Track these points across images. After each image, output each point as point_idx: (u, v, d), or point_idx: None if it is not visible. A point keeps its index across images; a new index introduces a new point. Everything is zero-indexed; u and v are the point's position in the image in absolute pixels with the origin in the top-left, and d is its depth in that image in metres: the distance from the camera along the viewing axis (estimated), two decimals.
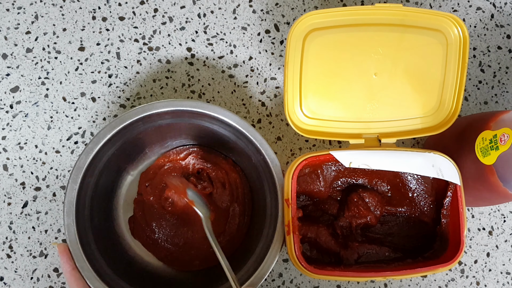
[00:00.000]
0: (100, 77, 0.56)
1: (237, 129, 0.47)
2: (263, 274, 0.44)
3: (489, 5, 0.60)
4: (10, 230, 0.53)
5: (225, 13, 0.58)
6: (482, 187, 0.46)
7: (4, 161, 0.54)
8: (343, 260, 0.48)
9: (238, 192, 0.52)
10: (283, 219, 0.45)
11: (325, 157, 0.46)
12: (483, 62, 0.60)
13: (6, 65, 0.56)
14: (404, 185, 0.51)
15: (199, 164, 0.53)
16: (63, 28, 0.57)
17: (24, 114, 0.55)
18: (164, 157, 0.53)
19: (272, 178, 0.46)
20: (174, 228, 0.51)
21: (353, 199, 0.49)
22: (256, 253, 0.46)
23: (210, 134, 0.50)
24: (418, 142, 0.58)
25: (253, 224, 0.52)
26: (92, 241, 0.45)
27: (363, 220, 0.48)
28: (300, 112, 0.48)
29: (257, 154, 0.47)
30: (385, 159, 0.45)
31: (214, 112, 0.46)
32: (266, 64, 0.58)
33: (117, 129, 0.46)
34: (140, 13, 0.58)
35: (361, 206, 0.48)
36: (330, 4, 0.59)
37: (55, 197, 0.54)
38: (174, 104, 0.46)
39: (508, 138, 0.41)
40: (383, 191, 0.51)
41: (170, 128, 0.50)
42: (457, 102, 0.47)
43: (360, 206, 0.48)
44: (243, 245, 0.51)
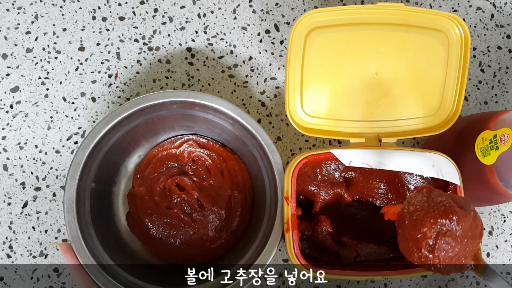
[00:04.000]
0: (100, 77, 0.56)
1: (232, 116, 0.47)
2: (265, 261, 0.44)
3: (489, 5, 0.60)
4: (10, 230, 0.53)
5: (225, 13, 0.58)
6: (482, 187, 0.46)
7: (4, 161, 0.54)
8: (342, 259, 0.48)
9: (238, 179, 0.52)
10: (282, 216, 0.45)
11: (325, 156, 0.46)
12: (483, 62, 0.60)
13: (6, 65, 0.56)
14: (403, 185, 0.51)
15: (195, 152, 0.52)
16: (63, 28, 0.57)
17: (24, 114, 0.55)
18: (158, 147, 0.53)
19: (269, 164, 0.46)
20: (169, 227, 0.51)
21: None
22: (259, 238, 0.47)
23: (206, 123, 0.50)
24: (418, 142, 0.58)
25: (254, 210, 0.52)
26: (94, 237, 0.45)
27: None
28: (300, 110, 0.48)
29: (252, 140, 0.47)
30: (385, 159, 0.45)
31: (208, 101, 0.46)
32: (266, 64, 0.58)
33: (112, 124, 0.45)
34: (140, 13, 0.58)
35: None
36: (330, 4, 0.59)
37: (55, 197, 0.54)
38: (167, 96, 0.46)
39: (508, 138, 0.41)
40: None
41: (165, 120, 0.50)
42: (458, 102, 0.47)
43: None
44: (246, 232, 0.51)
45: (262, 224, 0.48)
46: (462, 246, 0.38)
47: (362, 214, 0.52)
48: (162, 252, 0.51)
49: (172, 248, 0.51)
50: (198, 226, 0.51)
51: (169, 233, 0.51)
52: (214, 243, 0.51)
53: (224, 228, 0.51)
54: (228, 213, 0.51)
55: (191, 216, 0.51)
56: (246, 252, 0.47)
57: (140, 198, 0.51)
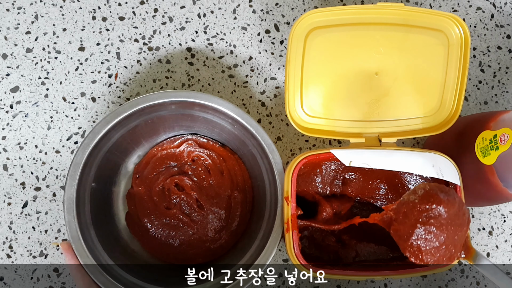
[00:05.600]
0: (100, 77, 0.56)
1: (232, 116, 0.47)
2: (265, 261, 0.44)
3: (489, 5, 0.60)
4: (10, 230, 0.53)
5: (225, 13, 0.58)
6: (482, 187, 0.46)
7: (4, 161, 0.54)
8: (342, 259, 0.48)
9: (238, 179, 0.52)
10: (282, 216, 0.45)
11: (325, 156, 0.46)
12: (483, 62, 0.60)
13: (6, 65, 0.56)
14: (402, 185, 0.51)
15: (195, 152, 0.52)
16: (63, 28, 0.57)
17: (24, 114, 0.55)
18: (158, 146, 0.52)
19: (269, 164, 0.46)
20: (168, 227, 0.51)
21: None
22: (259, 238, 0.47)
23: (205, 123, 0.50)
24: (418, 142, 0.58)
25: (254, 210, 0.52)
26: (94, 237, 0.45)
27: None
28: (300, 110, 0.48)
29: (252, 140, 0.47)
30: (385, 159, 0.45)
31: (208, 101, 0.46)
32: (266, 64, 0.58)
33: (112, 124, 0.45)
34: (140, 13, 0.58)
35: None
36: (330, 4, 0.59)
37: (55, 197, 0.54)
38: (167, 96, 0.46)
39: (508, 138, 0.41)
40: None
41: (165, 120, 0.50)
42: (458, 102, 0.47)
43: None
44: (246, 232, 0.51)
45: (262, 224, 0.48)
46: (450, 234, 0.38)
47: (362, 214, 0.52)
48: (161, 253, 0.51)
49: (172, 249, 0.51)
50: (198, 226, 0.51)
51: (168, 233, 0.51)
52: (214, 243, 0.51)
53: (224, 229, 0.51)
54: (228, 213, 0.51)
55: (190, 216, 0.51)
56: (246, 252, 0.47)
57: (139, 198, 0.51)
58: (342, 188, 0.51)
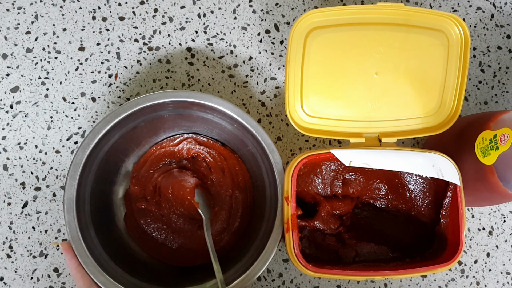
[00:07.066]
0: (100, 77, 0.56)
1: (232, 116, 0.47)
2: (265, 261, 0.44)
3: (489, 5, 0.60)
4: (10, 230, 0.53)
5: (225, 13, 0.58)
6: (482, 187, 0.46)
7: (4, 161, 0.54)
8: (342, 258, 0.48)
9: (239, 179, 0.52)
10: (282, 216, 0.45)
11: (325, 156, 0.46)
12: (483, 62, 0.60)
13: (6, 65, 0.56)
14: (402, 185, 0.51)
15: (195, 149, 0.52)
16: (63, 28, 0.57)
17: (24, 114, 0.55)
18: (157, 145, 0.52)
19: (269, 164, 0.46)
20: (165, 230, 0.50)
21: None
22: (259, 238, 0.47)
23: (205, 123, 0.50)
24: (418, 142, 0.58)
25: (254, 210, 0.51)
26: (94, 237, 0.45)
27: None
28: (301, 110, 0.48)
29: (252, 140, 0.47)
30: (385, 159, 0.45)
31: (208, 101, 0.46)
32: (266, 64, 0.58)
33: (112, 124, 0.45)
34: (140, 13, 0.58)
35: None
36: (330, 4, 0.59)
37: (55, 197, 0.54)
38: (168, 96, 0.46)
39: (508, 138, 0.41)
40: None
41: (165, 120, 0.50)
42: (458, 102, 0.48)
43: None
44: (246, 232, 0.51)
45: (262, 224, 0.48)
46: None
47: (363, 214, 0.52)
48: (161, 255, 0.50)
49: (171, 252, 0.50)
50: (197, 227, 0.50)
51: (165, 237, 0.50)
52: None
53: (225, 230, 0.51)
54: (229, 214, 0.51)
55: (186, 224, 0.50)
56: (246, 252, 0.47)
57: (134, 198, 0.51)
58: (342, 188, 0.51)
